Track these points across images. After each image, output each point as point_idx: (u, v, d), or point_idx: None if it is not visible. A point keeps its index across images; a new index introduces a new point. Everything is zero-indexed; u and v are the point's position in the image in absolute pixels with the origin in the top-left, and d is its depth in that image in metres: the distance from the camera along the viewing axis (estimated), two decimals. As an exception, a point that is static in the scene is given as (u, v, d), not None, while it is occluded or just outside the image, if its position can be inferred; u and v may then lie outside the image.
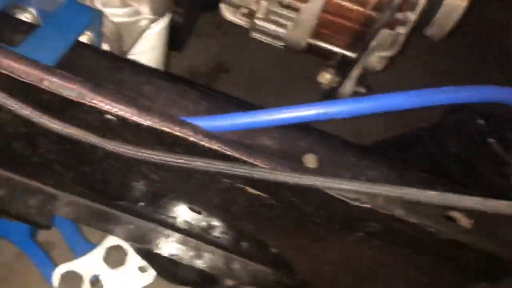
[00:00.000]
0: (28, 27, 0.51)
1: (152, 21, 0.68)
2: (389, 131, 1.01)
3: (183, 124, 0.44)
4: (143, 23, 0.67)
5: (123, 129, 0.43)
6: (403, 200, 0.47)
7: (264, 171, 0.41)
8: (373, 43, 0.65)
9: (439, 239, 0.48)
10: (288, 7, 0.67)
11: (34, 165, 0.58)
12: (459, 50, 1.28)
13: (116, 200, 0.60)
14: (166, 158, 0.42)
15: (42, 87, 0.42)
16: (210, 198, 0.52)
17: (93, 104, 0.41)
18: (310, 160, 0.51)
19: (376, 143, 0.99)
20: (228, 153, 0.43)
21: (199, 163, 0.42)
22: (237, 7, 0.72)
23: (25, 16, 0.56)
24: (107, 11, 0.62)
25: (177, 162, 0.42)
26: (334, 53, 0.70)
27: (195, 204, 0.60)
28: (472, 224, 0.50)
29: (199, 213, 0.60)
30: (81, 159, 0.54)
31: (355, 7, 0.64)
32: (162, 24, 0.70)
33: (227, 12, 0.74)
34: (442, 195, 0.45)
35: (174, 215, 0.63)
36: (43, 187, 0.58)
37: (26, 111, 0.39)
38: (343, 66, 0.69)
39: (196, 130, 0.44)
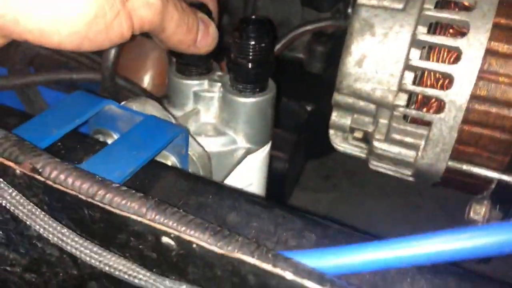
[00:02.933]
0: (103, 147, 0.43)
1: (249, 151, 0.58)
2: None
3: (278, 259, 0.29)
4: (239, 153, 0.57)
5: (185, 263, 0.28)
6: None
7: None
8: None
9: None
10: (415, 121, 0.53)
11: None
12: None
13: None
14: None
15: (90, 200, 0.30)
16: None
17: (148, 222, 0.28)
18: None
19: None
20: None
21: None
22: (349, 130, 0.60)
23: (108, 138, 0.49)
24: (200, 140, 0.54)
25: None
26: (487, 179, 0.52)
27: None
28: None
29: None
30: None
31: (509, 112, 0.48)
32: (260, 155, 0.60)
33: (337, 140, 0.62)
34: None
35: None
36: None
37: (55, 232, 0.27)
38: (503, 196, 0.50)
39: (299, 267, 0.28)
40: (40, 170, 0.33)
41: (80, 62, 0.67)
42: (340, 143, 0.62)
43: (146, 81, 0.72)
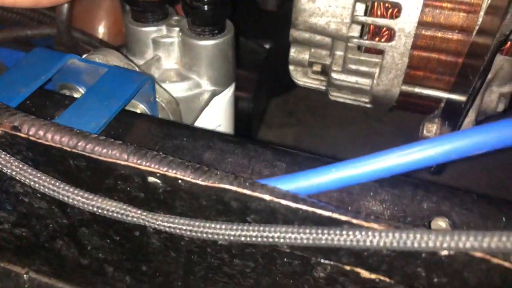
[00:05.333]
0: (72, 101, 0.44)
1: (214, 93, 0.59)
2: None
3: (255, 186, 0.32)
4: (205, 96, 0.59)
5: (172, 199, 0.31)
6: None
7: (386, 234, 0.26)
8: (490, 76, 0.51)
9: None
10: (369, 50, 0.56)
11: (86, 272, 0.47)
12: None
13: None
14: (244, 233, 0.29)
15: (75, 151, 0.32)
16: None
17: (134, 165, 0.30)
18: (439, 225, 0.36)
19: None
20: (328, 214, 0.29)
21: (288, 234, 0.28)
22: (308, 65, 0.62)
23: (75, 95, 0.50)
24: (165, 86, 0.55)
25: (259, 236, 0.29)
26: (436, 99, 0.56)
27: None
28: None
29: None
30: (133, 254, 0.42)
31: (452, 36, 0.52)
32: (225, 96, 0.61)
33: (298, 75, 0.64)
34: None
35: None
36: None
37: (43, 183, 0.29)
38: (451, 113, 0.55)
39: (274, 190, 0.32)
40: (18, 128, 0.34)
41: (31, 17, 0.65)
42: (301, 78, 0.65)
43: (101, 31, 0.71)
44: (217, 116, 0.62)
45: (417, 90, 0.56)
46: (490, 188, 1.05)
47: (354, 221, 0.27)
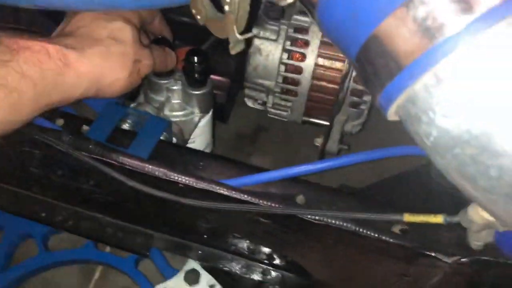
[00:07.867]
0: (130, 134, 0.89)
1: (202, 116, 1.05)
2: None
3: (220, 184, 0.79)
4: (196, 119, 1.04)
5: (187, 191, 0.79)
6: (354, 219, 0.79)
7: (267, 208, 0.75)
8: (344, 117, 0.98)
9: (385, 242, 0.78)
10: (285, 100, 1.02)
11: (140, 216, 0.96)
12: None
13: (190, 234, 0.95)
14: (212, 205, 0.78)
15: (144, 172, 0.79)
16: (242, 228, 0.86)
17: (172, 179, 0.77)
18: (300, 199, 0.85)
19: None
20: (246, 199, 0.77)
21: (231, 206, 0.77)
22: (255, 99, 1.08)
23: (125, 125, 0.95)
24: (172, 114, 1.01)
25: (217, 207, 0.77)
26: (319, 124, 1.04)
27: (237, 233, 0.94)
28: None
29: (242, 239, 0.94)
30: (166, 211, 0.90)
31: (326, 96, 0.99)
32: (208, 117, 1.07)
33: (249, 102, 1.10)
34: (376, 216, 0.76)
35: (227, 241, 0.97)
36: (145, 230, 0.95)
37: (136, 185, 0.76)
38: (328, 132, 1.03)
39: (228, 187, 0.79)
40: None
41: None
42: (251, 105, 1.11)
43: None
44: (203, 129, 1.08)
45: (310, 119, 1.03)
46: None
47: (255, 201, 0.76)
